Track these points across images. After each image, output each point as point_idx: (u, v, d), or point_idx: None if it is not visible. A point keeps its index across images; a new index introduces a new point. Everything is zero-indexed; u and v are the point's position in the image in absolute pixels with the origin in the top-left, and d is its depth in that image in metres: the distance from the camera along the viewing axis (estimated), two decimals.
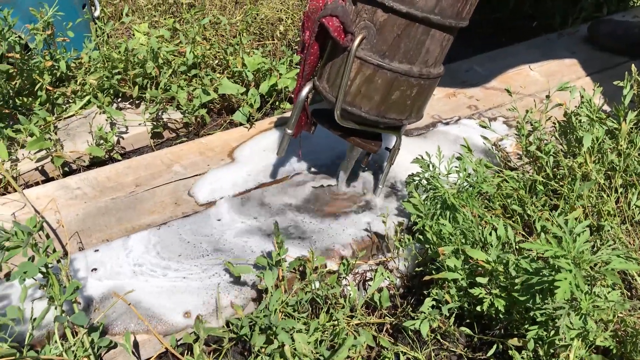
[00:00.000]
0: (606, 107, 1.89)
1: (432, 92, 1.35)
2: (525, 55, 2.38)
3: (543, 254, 1.05)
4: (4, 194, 1.65)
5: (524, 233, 1.42)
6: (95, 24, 2.21)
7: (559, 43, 2.48)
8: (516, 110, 1.60)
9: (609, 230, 1.37)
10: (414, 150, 1.76)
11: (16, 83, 1.85)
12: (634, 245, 1.39)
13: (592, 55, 2.39)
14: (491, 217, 1.38)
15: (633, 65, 1.67)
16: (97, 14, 2.33)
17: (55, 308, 1.13)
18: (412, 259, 1.45)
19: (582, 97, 1.59)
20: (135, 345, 1.24)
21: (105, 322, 1.25)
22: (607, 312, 1.10)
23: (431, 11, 1.17)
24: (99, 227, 1.51)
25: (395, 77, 1.25)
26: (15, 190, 1.59)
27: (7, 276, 1.35)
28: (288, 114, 1.99)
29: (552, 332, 1.08)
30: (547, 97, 1.61)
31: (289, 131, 1.46)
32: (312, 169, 1.74)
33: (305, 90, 1.39)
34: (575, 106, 1.68)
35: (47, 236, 1.19)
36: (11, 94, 1.84)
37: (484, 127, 1.59)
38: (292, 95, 2.05)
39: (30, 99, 1.89)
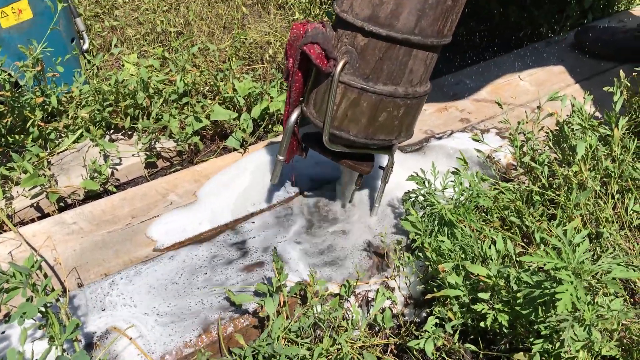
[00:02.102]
0: (598, 114, 1.90)
1: (420, 109, 1.36)
2: (514, 65, 2.39)
3: (543, 266, 1.04)
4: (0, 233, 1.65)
5: (523, 244, 1.42)
6: (85, 57, 2.22)
7: (547, 51, 2.50)
8: (508, 122, 1.61)
9: (608, 237, 1.37)
10: (408, 167, 1.76)
11: (7, 121, 1.85)
12: (634, 250, 1.39)
13: (581, 62, 2.40)
14: (490, 230, 1.38)
15: (621, 70, 1.68)
16: (85, 47, 2.34)
17: (56, 348, 1.11)
18: (413, 277, 1.44)
19: (572, 105, 1.59)
20: None
21: (108, 358, 1.24)
22: (611, 321, 1.09)
23: (411, 32, 1.17)
24: (97, 262, 1.50)
25: (381, 99, 1.25)
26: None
27: (7, 317, 1.33)
28: (280, 137, 1.99)
29: (558, 345, 1.07)
30: (538, 107, 1.61)
31: (281, 157, 1.46)
32: (306, 193, 1.74)
33: (293, 117, 1.40)
34: (567, 115, 1.69)
35: (45, 275, 1.18)
36: (3, 132, 1.84)
37: (477, 140, 1.59)
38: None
39: (22, 135, 1.89)
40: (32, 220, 1.73)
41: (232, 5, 2.88)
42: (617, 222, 1.43)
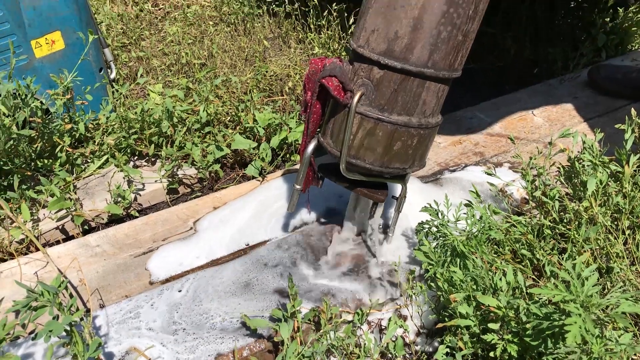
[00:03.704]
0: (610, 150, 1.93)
1: (432, 140, 1.41)
2: (528, 101, 2.44)
3: (552, 298, 1.07)
4: (26, 254, 1.71)
5: (534, 277, 1.44)
6: (112, 86, 2.31)
7: (560, 88, 2.55)
8: (520, 157, 1.65)
9: (618, 272, 1.39)
10: (423, 198, 1.80)
11: (37, 146, 1.93)
12: None
13: (594, 99, 2.45)
14: (501, 262, 1.41)
15: (632, 109, 1.72)
16: (113, 76, 2.44)
17: None
18: (425, 306, 1.47)
19: (584, 142, 1.63)
20: None
21: None
22: (619, 355, 1.11)
23: (424, 65, 1.23)
24: (119, 284, 1.56)
25: (395, 129, 1.30)
26: (37, 249, 1.65)
27: (31, 334, 1.39)
28: (298, 166, 2.05)
29: None
30: (550, 143, 1.65)
31: (298, 187, 1.51)
32: (322, 219, 1.78)
33: (310, 147, 1.45)
34: (578, 151, 1.72)
35: (71, 295, 1.23)
36: (33, 156, 1.92)
37: (490, 174, 1.63)
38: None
39: (50, 160, 1.96)
40: (58, 242, 1.79)
41: (254, 39, 2.98)
42: (628, 258, 1.45)
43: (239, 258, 1.64)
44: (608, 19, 2.88)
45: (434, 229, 1.49)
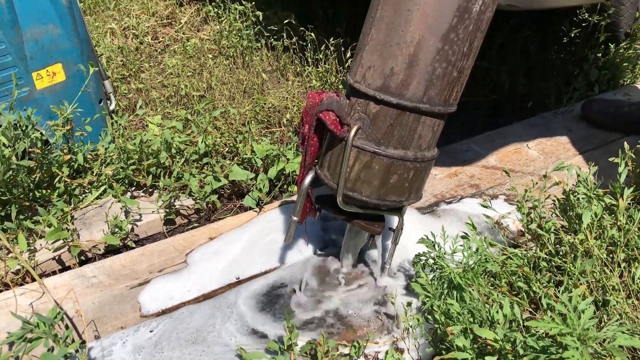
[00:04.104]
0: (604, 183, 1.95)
1: (428, 173, 1.42)
2: (523, 134, 2.47)
3: (549, 331, 1.07)
4: (22, 284, 1.70)
5: (531, 310, 1.45)
6: (111, 117, 2.34)
7: (555, 121, 2.58)
8: (515, 190, 1.67)
9: (615, 305, 1.40)
10: (419, 230, 1.81)
11: (36, 176, 1.94)
12: None
13: (588, 133, 2.48)
14: (498, 295, 1.41)
15: (625, 142, 1.75)
16: (112, 107, 2.46)
17: None
18: (422, 339, 1.46)
19: (578, 175, 1.65)
20: None
21: None
22: None
23: (420, 101, 1.25)
24: (115, 315, 1.55)
25: (392, 162, 1.32)
26: (33, 280, 1.64)
27: None
28: (295, 197, 2.06)
29: None
30: (545, 176, 1.67)
31: (295, 218, 1.52)
32: (319, 252, 1.79)
33: (307, 179, 1.47)
34: (573, 184, 1.74)
35: (67, 326, 1.22)
36: (31, 187, 1.93)
37: (485, 206, 1.65)
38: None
39: (49, 190, 1.97)
40: (54, 273, 1.79)
41: (253, 71, 3.03)
42: (624, 291, 1.45)
43: (210, 300, 1.62)
44: (600, 54, 2.93)
45: (431, 261, 1.50)
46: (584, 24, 2.85)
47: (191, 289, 1.64)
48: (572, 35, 2.90)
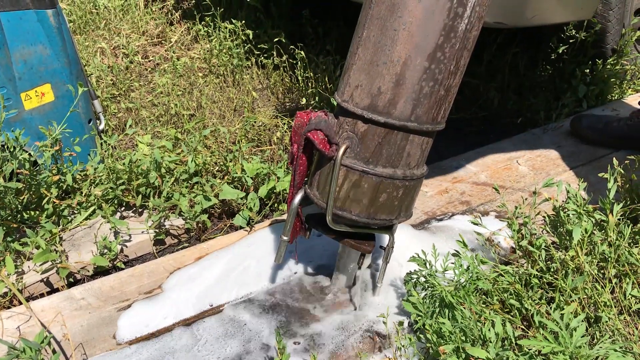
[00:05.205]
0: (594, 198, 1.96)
1: (418, 191, 1.42)
2: (513, 150, 2.48)
3: (542, 349, 1.07)
4: (9, 307, 1.68)
5: (523, 327, 1.44)
6: (101, 137, 2.33)
7: (544, 137, 2.59)
8: (506, 207, 1.67)
9: (606, 322, 1.39)
10: (410, 248, 1.80)
11: (24, 198, 1.92)
12: (633, 336, 1.40)
13: (577, 148, 2.49)
14: (489, 312, 1.40)
15: (614, 158, 1.76)
16: (102, 127, 2.45)
17: None
18: (414, 358, 1.45)
19: (568, 192, 1.66)
20: None
21: None
22: None
23: (407, 119, 1.25)
24: (103, 337, 1.53)
25: (381, 181, 1.32)
26: (20, 303, 1.62)
27: None
28: (285, 216, 2.05)
29: None
30: (535, 192, 1.67)
31: (285, 238, 1.51)
32: (309, 269, 1.78)
33: (297, 199, 1.46)
34: (563, 200, 1.74)
35: (54, 351, 1.20)
36: (19, 208, 1.91)
37: (476, 223, 1.64)
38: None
39: (37, 212, 1.95)
40: (42, 295, 1.76)
41: (243, 90, 3.03)
42: (615, 307, 1.45)
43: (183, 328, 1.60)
44: (587, 70, 2.96)
45: (422, 279, 1.49)
46: (571, 41, 2.89)
47: (167, 316, 1.61)
48: (560, 51, 2.93)
